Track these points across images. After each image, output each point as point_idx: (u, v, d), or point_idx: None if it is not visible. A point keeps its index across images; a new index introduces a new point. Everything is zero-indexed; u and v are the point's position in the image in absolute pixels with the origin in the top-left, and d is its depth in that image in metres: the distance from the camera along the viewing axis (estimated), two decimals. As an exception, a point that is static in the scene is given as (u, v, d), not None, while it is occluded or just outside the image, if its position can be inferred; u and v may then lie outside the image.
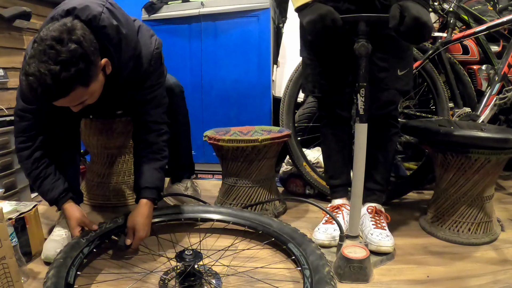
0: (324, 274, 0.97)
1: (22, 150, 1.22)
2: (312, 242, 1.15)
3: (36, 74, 0.92)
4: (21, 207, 1.24)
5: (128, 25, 1.13)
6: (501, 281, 1.05)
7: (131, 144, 1.74)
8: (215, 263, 1.15)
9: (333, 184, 1.46)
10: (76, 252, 1.08)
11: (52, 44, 0.92)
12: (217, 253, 1.22)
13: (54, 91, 0.94)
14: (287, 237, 1.20)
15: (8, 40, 1.80)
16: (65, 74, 0.93)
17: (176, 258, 1.04)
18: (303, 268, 1.05)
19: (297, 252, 1.12)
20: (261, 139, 1.48)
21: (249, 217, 1.35)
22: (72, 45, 0.93)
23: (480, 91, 1.89)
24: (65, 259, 1.03)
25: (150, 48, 1.22)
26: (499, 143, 1.22)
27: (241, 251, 1.26)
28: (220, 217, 1.38)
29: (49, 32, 0.94)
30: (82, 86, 0.99)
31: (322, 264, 1.02)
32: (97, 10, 1.03)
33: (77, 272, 1.02)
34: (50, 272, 0.96)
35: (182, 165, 1.66)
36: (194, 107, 2.09)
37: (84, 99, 1.04)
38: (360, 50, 1.07)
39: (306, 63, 1.36)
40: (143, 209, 1.24)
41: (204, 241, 1.32)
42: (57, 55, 0.92)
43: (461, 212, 1.31)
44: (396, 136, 1.43)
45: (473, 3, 2.04)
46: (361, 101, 1.08)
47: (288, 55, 2.16)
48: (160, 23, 2.16)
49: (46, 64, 0.91)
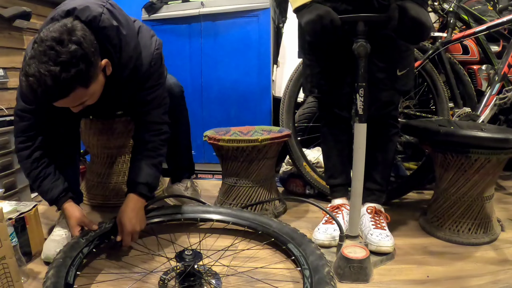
0: (324, 274, 0.97)
1: (21, 150, 1.22)
2: (312, 243, 1.15)
3: (36, 75, 0.91)
4: (21, 207, 1.24)
5: (128, 26, 1.13)
6: (501, 281, 1.05)
7: (131, 144, 1.74)
8: (215, 263, 1.15)
9: (333, 184, 1.46)
10: (75, 252, 1.08)
11: (52, 45, 0.92)
12: (217, 253, 1.22)
13: (54, 92, 0.94)
14: (287, 237, 1.20)
15: (8, 40, 1.80)
16: (65, 75, 0.92)
17: (176, 258, 1.04)
18: (303, 268, 1.05)
19: (297, 252, 1.12)
20: (261, 139, 1.48)
21: (249, 217, 1.35)
22: (72, 46, 0.93)
23: (480, 91, 1.89)
24: (64, 259, 1.03)
25: (151, 49, 1.22)
26: (499, 143, 1.22)
27: (241, 251, 1.26)
28: (220, 217, 1.38)
29: (49, 33, 0.94)
30: (82, 87, 0.99)
31: (322, 264, 1.02)
32: (97, 11, 1.03)
33: (77, 272, 1.02)
34: (49, 272, 0.96)
35: (182, 165, 1.66)
36: (194, 107, 2.09)
37: (84, 99, 1.04)
38: (359, 50, 1.07)
39: (306, 64, 1.36)
40: (130, 203, 1.24)
41: (204, 241, 1.32)
42: (57, 56, 0.92)
43: (461, 212, 1.31)
44: (396, 136, 1.43)
45: (473, 3, 2.03)
46: (360, 101, 1.08)
47: (288, 55, 2.16)
48: (160, 23, 2.16)
49: (46, 65, 0.91)
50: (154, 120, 1.30)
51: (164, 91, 1.33)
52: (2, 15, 1.72)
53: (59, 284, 0.92)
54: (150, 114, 1.30)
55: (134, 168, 1.28)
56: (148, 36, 1.23)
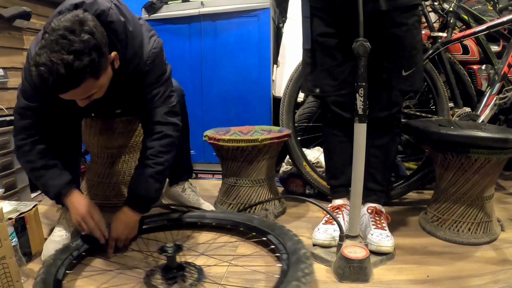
0: (301, 255, 1.01)
1: (23, 146, 1.19)
2: (290, 231, 1.19)
3: (47, 64, 0.90)
4: (21, 207, 1.24)
5: (134, 22, 1.14)
6: (501, 281, 1.05)
7: (131, 144, 1.74)
8: (199, 256, 1.19)
9: (334, 184, 1.46)
10: (65, 255, 1.11)
11: (65, 34, 0.91)
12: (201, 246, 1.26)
13: (66, 81, 0.93)
14: (267, 230, 1.24)
15: (8, 40, 1.80)
16: (78, 63, 0.91)
17: (158, 251, 1.07)
18: (282, 253, 1.09)
19: (276, 241, 1.17)
20: (261, 138, 1.48)
21: (232, 217, 1.39)
22: (85, 36, 0.93)
23: (480, 91, 1.89)
24: (55, 260, 1.07)
25: (148, 47, 1.21)
26: (499, 143, 1.22)
27: (224, 244, 1.30)
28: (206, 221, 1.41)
29: (60, 23, 0.93)
30: (93, 78, 0.98)
31: (299, 247, 1.06)
32: (105, 6, 1.03)
33: (66, 271, 1.06)
34: (40, 270, 1.00)
35: (180, 168, 1.64)
36: (194, 107, 2.09)
37: (93, 92, 1.03)
38: (359, 49, 1.06)
39: (306, 62, 1.34)
40: (122, 214, 1.24)
41: (187, 239, 1.35)
42: (70, 44, 0.91)
43: (461, 212, 1.31)
44: (398, 136, 1.43)
45: (473, 3, 2.03)
46: (360, 101, 1.08)
47: (288, 55, 2.16)
48: (160, 22, 2.16)
49: (59, 54, 0.90)
50: (157, 120, 1.25)
51: (168, 89, 1.29)
52: (2, 15, 1.72)
53: (48, 280, 0.95)
54: (153, 113, 1.25)
55: (133, 177, 1.27)
56: (148, 36, 1.23)
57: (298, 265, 0.96)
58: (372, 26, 1.12)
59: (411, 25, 1.23)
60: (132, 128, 1.70)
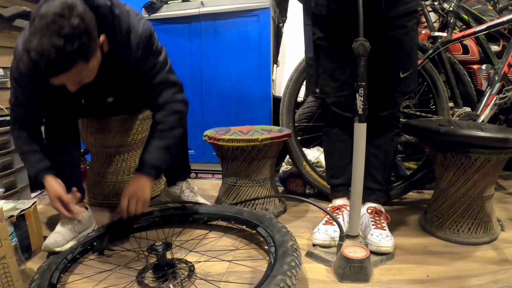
0: (288, 248, 1.02)
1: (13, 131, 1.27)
2: (279, 223, 1.19)
3: (39, 49, 0.92)
4: (20, 205, 1.24)
5: (120, 7, 1.15)
6: (501, 280, 1.05)
7: (129, 143, 1.74)
8: (189, 253, 1.20)
9: (334, 184, 1.46)
10: (60, 259, 1.12)
11: (55, 19, 0.92)
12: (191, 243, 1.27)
13: (57, 65, 0.95)
14: (257, 222, 1.25)
15: (8, 39, 1.80)
16: (70, 47, 0.93)
17: (148, 249, 1.08)
18: (270, 246, 1.10)
19: (265, 233, 1.18)
20: (261, 138, 1.48)
21: (224, 210, 1.41)
22: (75, 20, 0.94)
23: (480, 90, 1.89)
24: (49, 265, 1.07)
25: (138, 31, 1.20)
26: (499, 142, 1.22)
27: (215, 239, 1.31)
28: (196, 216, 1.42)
29: (49, 9, 0.94)
30: (83, 61, 1.00)
31: (287, 239, 1.07)
32: None
33: (61, 275, 1.06)
34: (35, 276, 1.01)
35: (178, 168, 1.64)
36: (194, 106, 2.10)
37: (83, 76, 1.05)
38: (359, 49, 1.06)
39: (309, 64, 1.36)
40: (134, 179, 1.27)
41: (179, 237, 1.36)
42: (61, 29, 0.92)
43: (461, 211, 1.31)
44: (398, 136, 1.43)
45: (473, 2, 2.03)
46: (360, 101, 1.08)
47: (288, 54, 2.16)
48: (160, 22, 2.16)
49: (50, 38, 0.91)
50: (166, 100, 1.29)
51: (170, 71, 1.32)
52: (2, 15, 1.72)
53: (43, 285, 0.96)
54: (161, 95, 1.29)
55: (145, 148, 1.30)
56: (136, 20, 1.22)
57: (285, 258, 0.97)
58: (371, 29, 1.13)
59: (410, 27, 1.24)
60: (128, 127, 1.70)
